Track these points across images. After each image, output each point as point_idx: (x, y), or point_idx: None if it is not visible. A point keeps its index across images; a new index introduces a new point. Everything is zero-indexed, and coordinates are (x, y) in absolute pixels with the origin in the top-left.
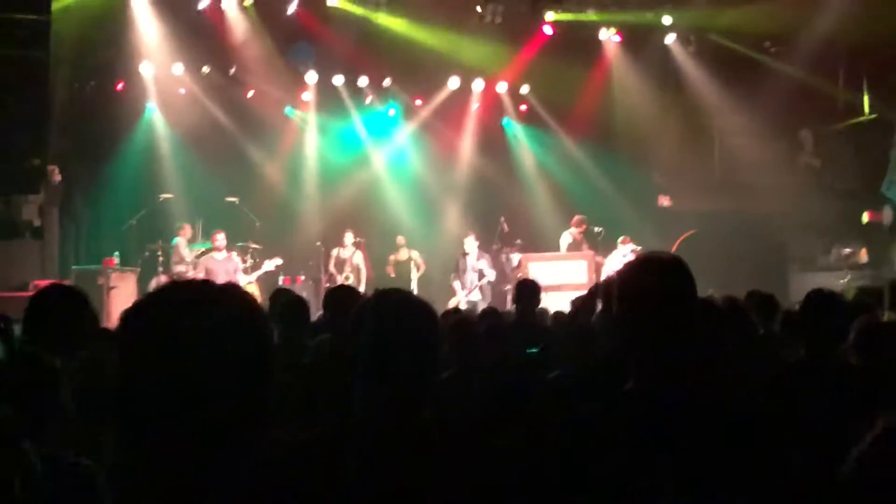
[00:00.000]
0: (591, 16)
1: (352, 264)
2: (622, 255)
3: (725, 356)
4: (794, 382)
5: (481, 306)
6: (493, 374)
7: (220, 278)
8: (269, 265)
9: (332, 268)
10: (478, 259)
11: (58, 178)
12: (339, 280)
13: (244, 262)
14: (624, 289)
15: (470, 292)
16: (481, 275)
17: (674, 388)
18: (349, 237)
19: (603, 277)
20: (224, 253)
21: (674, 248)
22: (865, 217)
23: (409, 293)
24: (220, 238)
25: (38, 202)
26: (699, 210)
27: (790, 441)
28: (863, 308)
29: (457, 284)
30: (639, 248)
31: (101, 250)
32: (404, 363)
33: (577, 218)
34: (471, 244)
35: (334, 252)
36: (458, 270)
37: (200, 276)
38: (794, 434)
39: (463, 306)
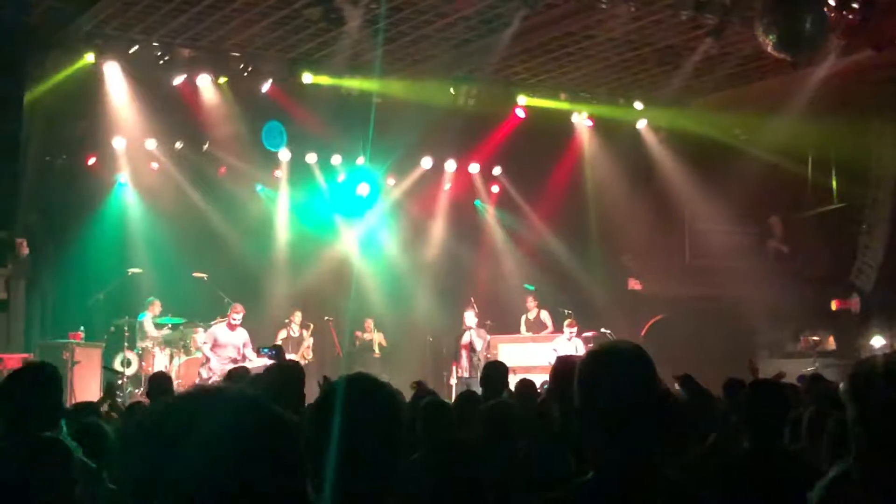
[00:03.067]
0: (562, 103)
1: (302, 346)
2: (566, 338)
3: (687, 446)
4: (739, 472)
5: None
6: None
7: (228, 351)
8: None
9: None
10: (477, 334)
11: (25, 251)
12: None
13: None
14: (584, 379)
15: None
16: (472, 348)
17: (634, 481)
18: (297, 316)
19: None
20: (230, 328)
21: (643, 332)
22: (834, 304)
23: (374, 379)
24: (236, 315)
25: (6, 275)
26: (669, 294)
27: None
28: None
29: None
30: (585, 332)
31: (66, 324)
32: (369, 451)
33: (528, 298)
34: (471, 318)
35: (282, 334)
36: (459, 345)
37: (208, 344)
38: None
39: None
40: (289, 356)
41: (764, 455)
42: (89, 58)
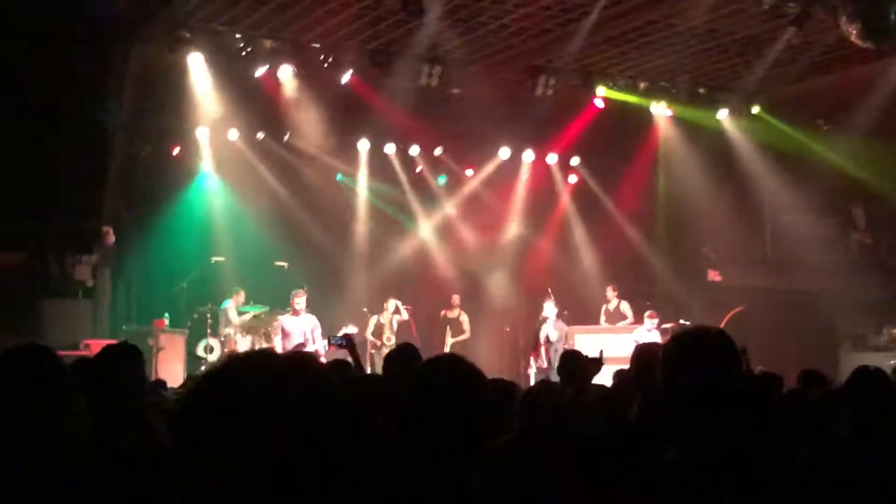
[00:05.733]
0: (639, 98)
1: (391, 328)
2: (647, 329)
3: (768, 430)
4: (836, 458)
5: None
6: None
7: (296, 338)
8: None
9: (368, 334)
10: (555, 325)
11: (111, 239)
12: (378, 345)
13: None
14: (670, 361)
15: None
16: (548, 340)
17: (716, 459)
18: (391, 304)
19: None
20: (301, 313)
21: (722, 324)
22: None
23: (460, 359)
24: (299, 301)
25: (92, 263)
26: (749, 286)
27: None
28: None
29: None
30: (665, 324)
31: (151, 311)
32: (450, 426)
33: (609, 287)
34: (550, 309)
35: (373, 319)
36: (537, 338)
37: (278, 336)
38: None
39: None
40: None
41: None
42: (174, 49)
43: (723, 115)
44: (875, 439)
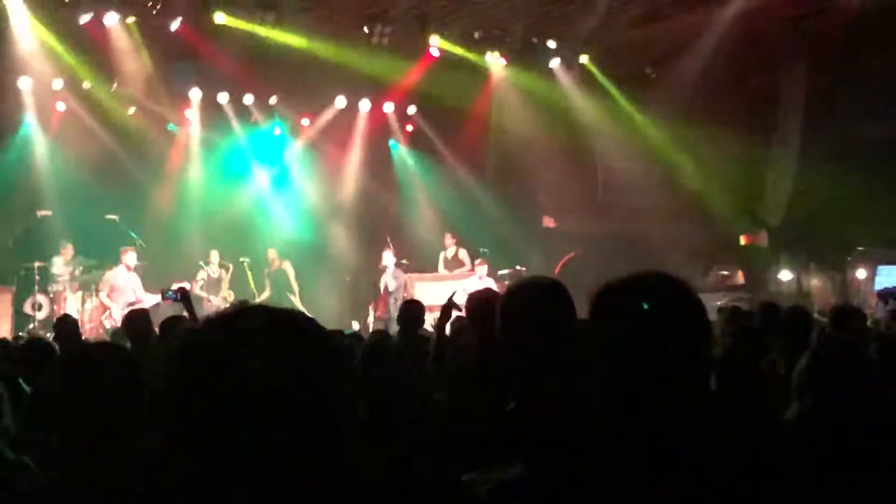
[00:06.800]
0: (473, 48)
1: (228, 283)
2: (478, 276)
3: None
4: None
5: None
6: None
7: (126, 296)
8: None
9: (198, 289)
10: (394, 274)
11: None
12: (214, 302)
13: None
14: (506, 312)
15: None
16: (387, 290)
17: (553, 406)
18: (215, 256)
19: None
20: (126, 270)
21: (557, 269)
22: (743, 240)
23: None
24: (131, 256)
25: None
26: (582, 231)
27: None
28: None
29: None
30: (501, 270)
31: None
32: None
33: (447, 235)
34: (388, 258)
35: (201, 274)
36: (377, 287)
37: (104, 292)
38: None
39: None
40: (211, 298)
41: None
42: None
43: (555, 63)
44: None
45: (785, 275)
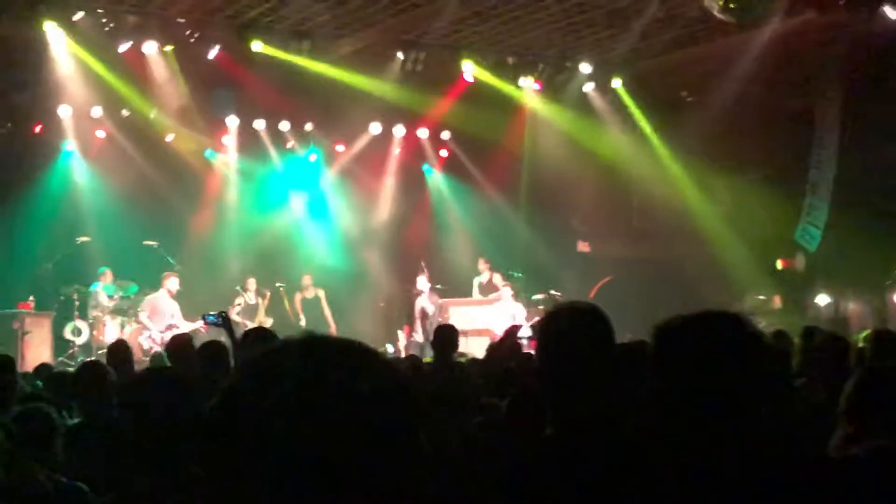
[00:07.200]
0: (507, 73)
1: (265, 310)
2: (502, 299)
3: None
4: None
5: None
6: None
7: (165, 319)
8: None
9: (234, 315)
10: (429, 299)
11: None
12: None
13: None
14: (544, 337)
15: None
16: (424, 313)
17: (592, 434)
18: (252, 283)
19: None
20: (168, 295)
21: (592, 294)
22: (779, 264)
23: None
24: (173, 281)
25: None
26: (617, 256)
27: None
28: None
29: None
30: (535, 295)
31: (15, 294)
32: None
33: (481, 261)
34: (423, 283)
35: (238, 300)
36: (411, 311)
37: (145, 312)
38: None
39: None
40: (248, 323)
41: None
42: (33, 26)
43: (589, 88)
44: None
45: (822, 299)
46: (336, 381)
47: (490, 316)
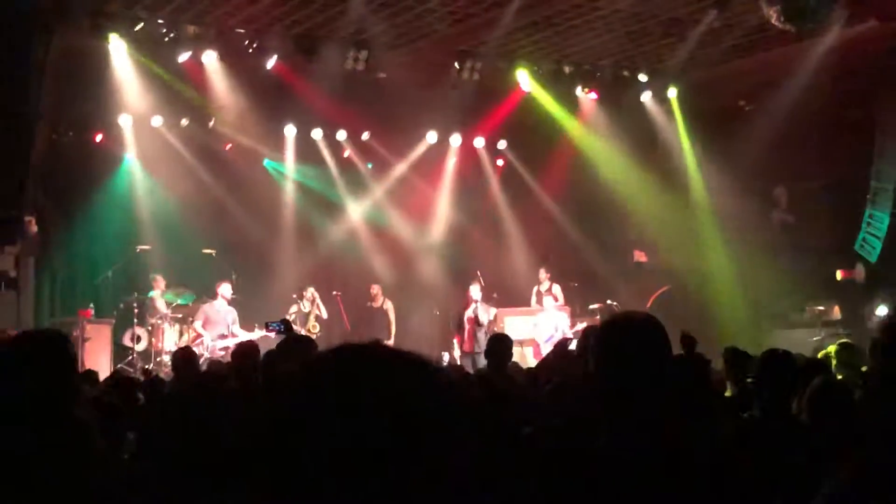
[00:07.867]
0: (563, 89)
1: (318, 318)
2: (552, 308)
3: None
4: (745, 440)
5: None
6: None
7: (220, 328)
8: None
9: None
10: (483, 308)
11: (34, 228)
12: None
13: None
14: (600, 348)
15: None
16: (478, 322)
17: (647, 444)
18: (309, 292)
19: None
20: (224, 303)
21: (648, 304)
22: (839, 274)
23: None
24: (226, 288)
25: (14, 253)
26: (674, 266)
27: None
28: (820, 367)
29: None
30: (592, 305)
31: (76, 301)
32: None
33: (541, 270)
34: (476, 292)
35: (293, 308)
36: (461, 320)
37: (199, 321)
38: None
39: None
40: (301, 331)
41: (772, 422)
42: (95, 36)
43: (647, 96)
44: (783, 420)
45: (882, 310)
46: (377, 392)
47: (534, 325)
